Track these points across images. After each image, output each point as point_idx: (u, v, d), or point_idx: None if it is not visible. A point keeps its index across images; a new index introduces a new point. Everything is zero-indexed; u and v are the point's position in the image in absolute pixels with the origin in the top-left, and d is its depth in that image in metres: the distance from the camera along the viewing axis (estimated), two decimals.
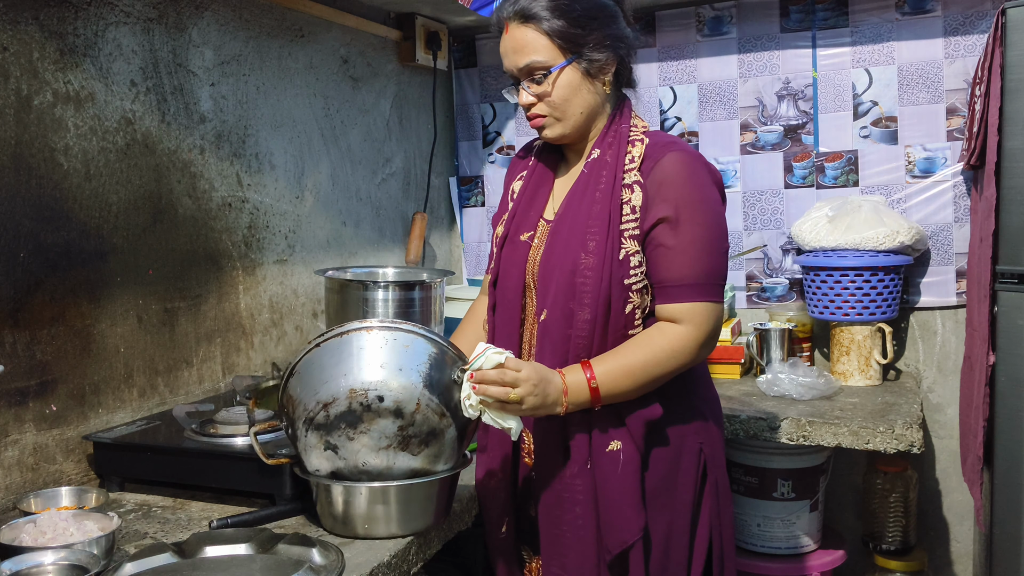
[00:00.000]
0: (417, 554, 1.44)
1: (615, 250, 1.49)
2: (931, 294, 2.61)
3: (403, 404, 1.36)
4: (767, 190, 2.76)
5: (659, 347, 1.47)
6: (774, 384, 2.35)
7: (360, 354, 1.38)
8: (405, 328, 1.41)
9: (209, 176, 2.07)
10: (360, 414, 1.35)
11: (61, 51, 1.71)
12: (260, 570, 1.28)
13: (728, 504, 1.63)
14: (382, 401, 1.35)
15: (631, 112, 1.60)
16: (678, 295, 1.48)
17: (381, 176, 2.75)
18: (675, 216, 1.47)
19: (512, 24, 1.52)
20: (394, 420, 1.36)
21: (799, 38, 2.68)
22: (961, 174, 2.55)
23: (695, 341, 1.48)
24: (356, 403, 1.35)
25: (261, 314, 2.23)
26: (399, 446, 1.38)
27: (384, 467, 1.39)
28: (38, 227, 1.66)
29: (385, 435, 1.37)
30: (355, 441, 1.37)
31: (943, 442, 2.65)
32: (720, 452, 1.62)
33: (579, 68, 1.52)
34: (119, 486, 1.70)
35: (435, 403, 1.37)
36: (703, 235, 1.48)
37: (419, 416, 1.37)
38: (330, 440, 1.38)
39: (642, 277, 1.50)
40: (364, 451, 1.38)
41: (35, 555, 1.25)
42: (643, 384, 1.47)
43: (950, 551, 2.67)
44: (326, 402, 1.36)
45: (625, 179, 1.51)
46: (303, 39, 2.38)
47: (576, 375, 1.44)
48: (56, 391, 1.69)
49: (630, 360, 1.46)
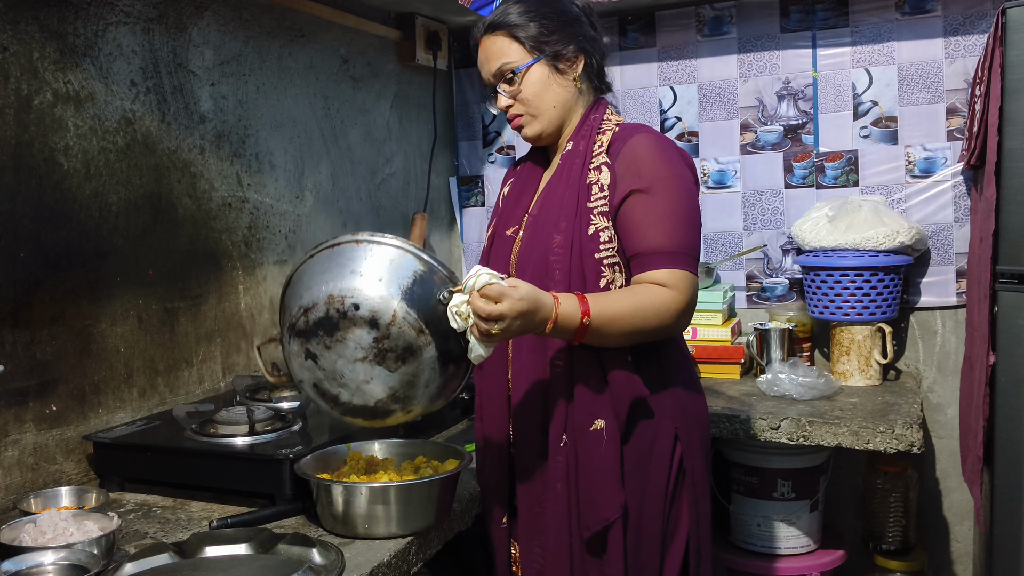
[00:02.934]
0: (417, 554, 1.44)
1: (584, 226, 1.53)
2: (931, 294, 2.61)
3: (378, 314, 1.34)
4: (767, 190, 2.76)
5: (648, 301, 1.47)
6: (774, 384, 2.35)
7: (345, 264, 1.38)
8: (393, 243, 1.39)
9: (209, 176, 2.07)
10: (336, 321, 1.35)
11: (61, 51, 1.71)
12: (260, 570, 1.28)
13: (705, 498, 1.62)
14: (357, 309, 1.34)
15: (607, 109, 1.66)
16: (659, 262, 1.49)
17: (381, 176, 2.75)
18: (647, 188, 1.50)
19: (484, 38, 1.65)
20: (369, 330, 1.35)
21: (799, 38, 2.68)
22: (961, 174, 2.55)
23: (678, 306, 1.49)
24: (333, 309, 1.35)
25: (261, 314, 2.23)
26: (375, 359, 1.36)
27: (361, 380, 1.38)
28: (38, 227, 1.66)
29: (360, 346, 1.35)
30: (332, 351, 1.37)
31: (943, 442, 2.65)
32: (698, 442, 1.61)
33: (547, 64, 1.61)
34: (119, 486, 1.70)
35: (412, 317, 1.35)
36: (677, 207, 1.51)
37: (394, 329, 1.35)
38: (309, 348, 1.38)
39: (613, 253, 1.53)
40: (341, 361, 1.37)
41: (35, 555, 1.25)
42: (626, 333, 1.47)
43: (950, 551, 2.67)
44: (306, 307, 1.37)
45: (593, 162, 1.57)
46: (303, 39, 2.38)
47: (570, 307, 1.42)
48: (56, 391, 1.69)
49: (621, 306, 1.46)
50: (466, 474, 1.64)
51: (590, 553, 1.53)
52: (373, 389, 1.38)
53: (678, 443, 1.57)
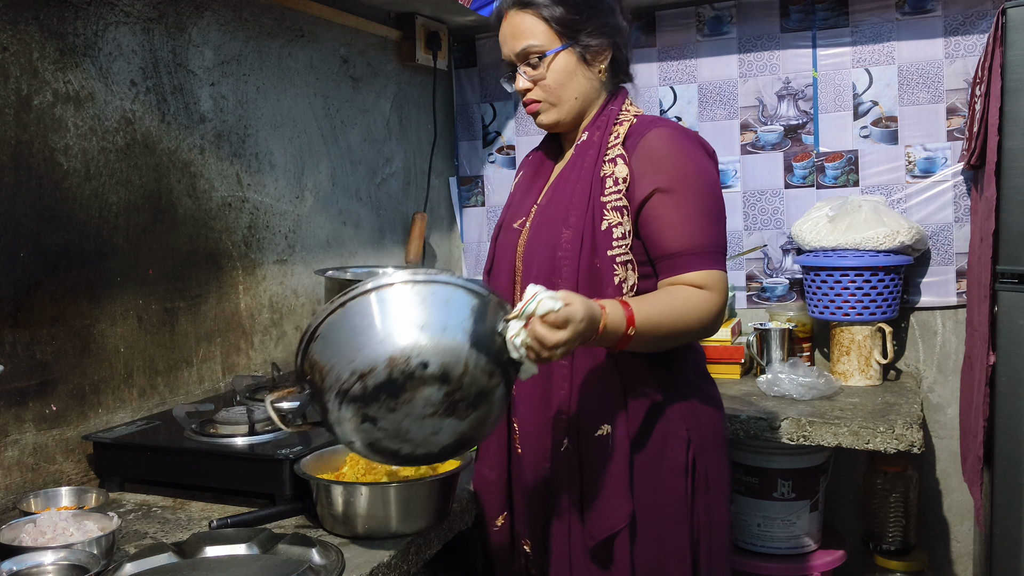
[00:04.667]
0: (417, 554, 1.44)
1: (597, 221, 1.47)
2: (931, 294, 2.61)
3: (450, 368, 1.21)
4: (767, 190, 2.76)
5: (689, 304, 1.42)
6: (774, 384, 2.35)
7: (400, 313, 1.22)
8: (442, 280, 1.25)
9: (209, 176, 2.07)
10: (402, 383, 1.20)
11: (61, 51, 1.71)
12: (260, 570, 1.27)
13: (720, 500, 1.56)
14: (426, 368, 1.20)
15: (625, 99, 1.60)
16: (692, 263, 1.44)
17: (381, 176, 2.74)
18: (671, 187, 1.44)
19: (511, 11, 1.55)
20: (440, 386, 1.22)
21: (799, 38, 2.68)
22: (961, 174, 2.55)
23: (717, 307, 1.44)
24: (397, 372, 1.20)
25: (261, 314, 2.23)
26: (445, 412, 1.25)
27: (429, 434, 1.27)
28: (38, 227, 1.66)
29: (430, 403, 1.23)
30: (396, 412, 1.23)
31: (943, 442, 2.65)
32: (713, 443, 1.56)
33: (575, 53, 1.53)
34: (119, 486, 1.70)
35: (484, 362, 1.23)
36: (704, 204, 1.46)
37: (467, 379, 1.22)
38: (368, 413, 1.23)
39: (627, 250, 1.47)
40: (407, 421, 1.24)
41: (35, 555, 1.25)
42: (668, 338, 1.43)
43: (950, 551, 2.67)
44: (362, 372, 1.20)
45: (608, 154, 1.50)
46: (303, 39, 2.38)
47: (616, 317, 1.35)
48: (56, 391, 1.69)
49: (664, 311, 1.41)
50: (466, 474, 1.64)
51: (595, 563, 1.48)
52: (441, 439, 1.28)
53: (691, 445, 1.51)
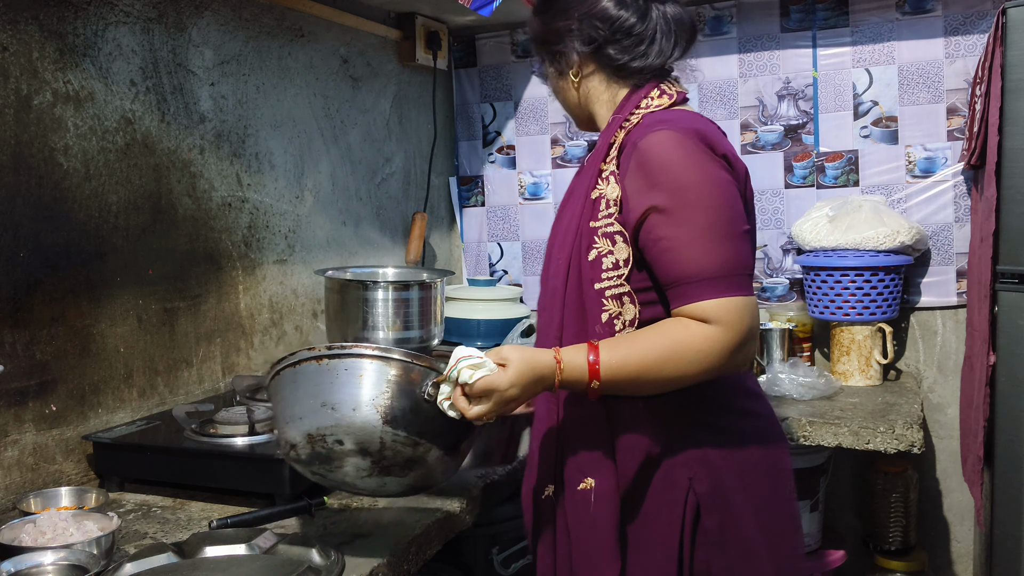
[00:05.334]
0: (417, 554, 1.44)
1: (584, 250, 1.31)
2: (931, 294, 2.61)
3: (366, 444, 1.26)
4: (767, 190, 2.76)
5: (683, 343, 1.21)
6: (774, 384, 2.35)
7: (314, 392, 1.26)
8: (357, 353, 1.26)
9: (209, 176, 2.07)
10: (327, 455, 1.29)
11: (61, 51, 1.70)
12: (260, 570, 1.27)
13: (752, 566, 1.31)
14: (343, 444, 1.26)
15: (651, 91, 1.37)
16: (698, 292, 1.22)
17: (381, 176, 2.74)
18: (668, 204, 1.23)
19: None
20: (363, 457, 1.28)
21: (799, 38, 2.68)
22: (961, 174, 2.55)
23: (727, 344, 1.21)
24: (319, 447, 1.27)
25: (261, 314, 2.23)
26: (380, 473, 1.31)
27: (376, 487, 1.35)
28: (38, 227, 1.65)
29: (362, 468, 1.30)
30: (336, 472, 1.32)
31: (943, 442, 2.64)
32: (742, 492, 1.31)
33: (551, 66, 1.44)
34: (119, 486, 1.70)
35: (401, 437, 1.25)
36: (710, 220, 1.23)
37: (388, 451, 1.27)
38: (313, 471, 1.33)
39: (620, 282, 1.29)
40: (349, 478, 1.33)
41: (35, 555, 1.25)
42: (657, 384, 1.24)
43: (950, 551, 2.67)
44: (292, 444, 1.29)
45: (604, 169, 1.33)
46: (303, 39, 2.38)
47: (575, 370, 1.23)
48: (56, 391, 1.69)
49: (644, 355, 1.22)
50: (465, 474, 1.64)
51: None
52: (392, 489, 1.35)
53: (690, 494, 1.30)
